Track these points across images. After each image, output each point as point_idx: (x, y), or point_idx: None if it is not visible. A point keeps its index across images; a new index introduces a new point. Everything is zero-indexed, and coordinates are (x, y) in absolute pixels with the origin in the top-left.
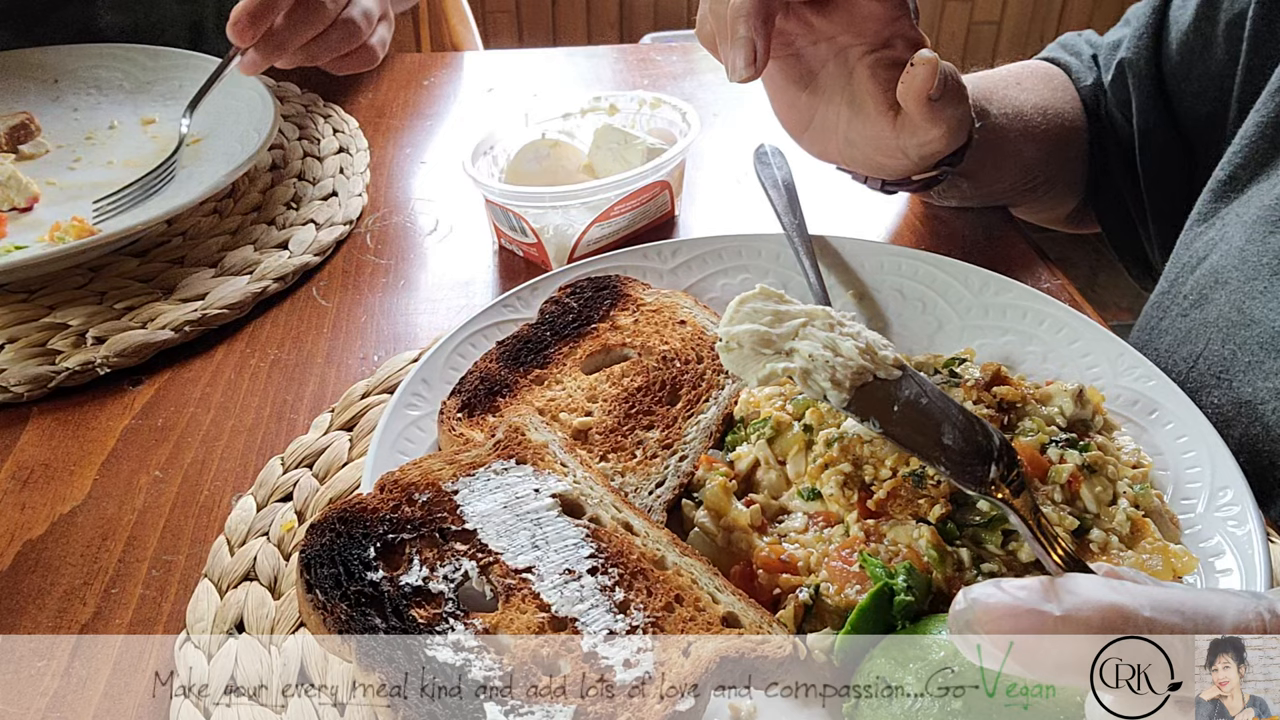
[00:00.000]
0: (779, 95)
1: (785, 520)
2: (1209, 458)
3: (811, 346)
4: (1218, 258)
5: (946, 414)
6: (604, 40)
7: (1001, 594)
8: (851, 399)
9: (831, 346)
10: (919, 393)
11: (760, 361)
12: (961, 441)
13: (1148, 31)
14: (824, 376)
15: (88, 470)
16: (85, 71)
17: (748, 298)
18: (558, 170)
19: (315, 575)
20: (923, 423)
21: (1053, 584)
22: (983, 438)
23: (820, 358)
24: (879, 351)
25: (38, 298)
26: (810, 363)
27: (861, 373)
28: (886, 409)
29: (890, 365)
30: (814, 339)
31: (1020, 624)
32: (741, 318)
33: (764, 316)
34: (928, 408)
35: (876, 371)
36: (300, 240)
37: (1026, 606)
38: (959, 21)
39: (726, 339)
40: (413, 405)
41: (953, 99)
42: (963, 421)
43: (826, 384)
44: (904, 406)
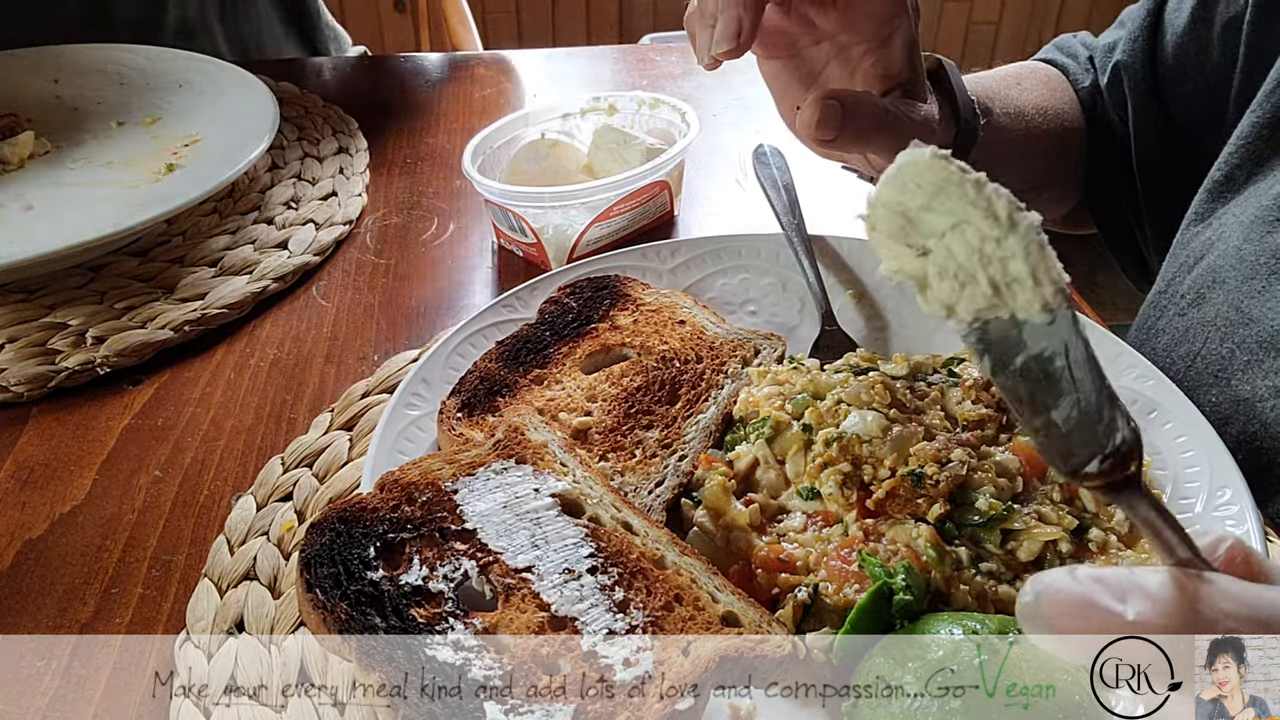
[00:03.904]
0: (783, 96)
1: (784, 520)
2: (1207, 457)
3: (949, 257)
4: (1214, 257)
5: (1077, 388)
6: (603, 41)
7: (1074, 585)
8: (969, 330)
9: (980, 264)
10: (1058, 351)
11: (892, 251)
12: (1075, 424)
13: (1143, 34)
14: (946, 293)
15: (88, 470)
16: (85, 71)
17: (911, 164)
18: (557, 170)
19: (315, 575)
20: (1041, 387)
21: (1130, 579)
22: (1104, 432)
23: (951, 271)
24: (1036, 287)
25: (38, 298)
26: (937, 276)
27: (992, 307)
28: (1007, 354)
29: (1037, 309)
30: (963, 245)
31: (1090, 623)
32: (893, 189)
33: (920, 195)
34: (1056, 372)
35: (1014, 311)
36: (300, 240)
37: (1099, 605)
38: (957, 22)
39: (869, 212)
40: (412, 405)
41: (852, 142)
42: (1092, 405)
43: (942, 306)
44: (1029, 359)
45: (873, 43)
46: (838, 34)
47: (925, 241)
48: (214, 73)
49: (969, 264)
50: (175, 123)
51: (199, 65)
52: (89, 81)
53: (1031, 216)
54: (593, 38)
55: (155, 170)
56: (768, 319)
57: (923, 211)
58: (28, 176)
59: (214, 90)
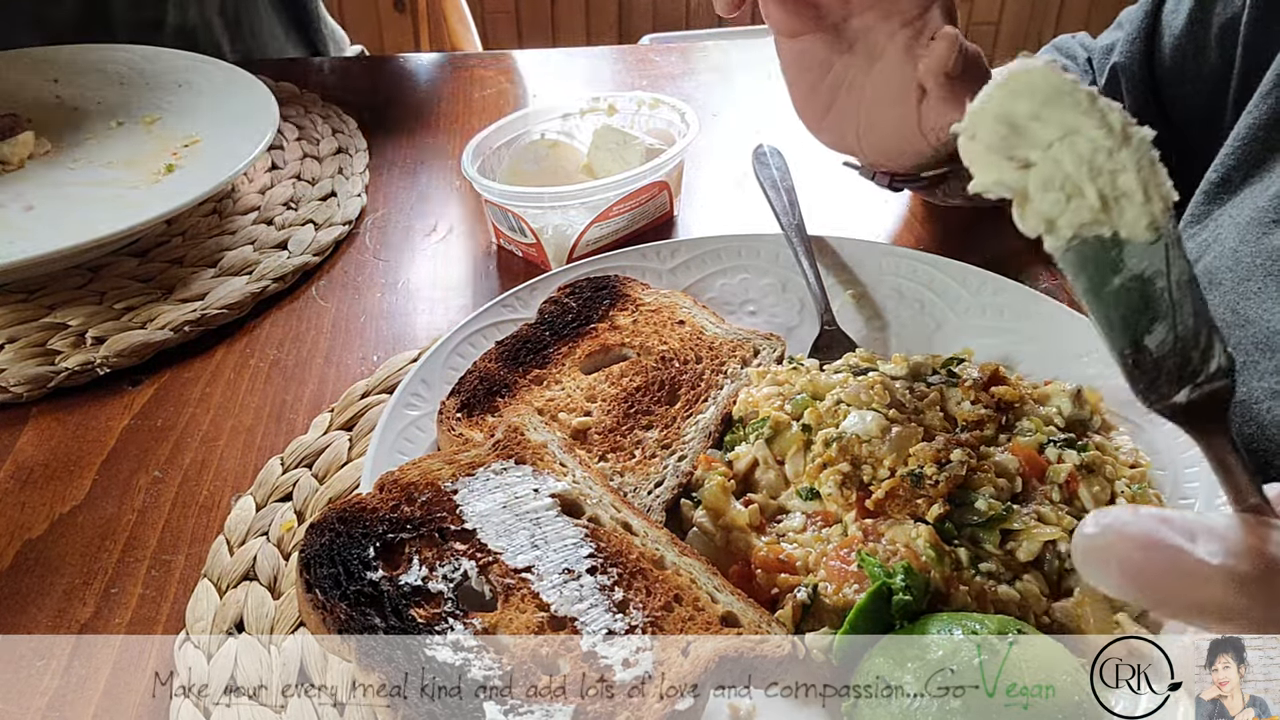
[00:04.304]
0: (798, 82)
1: (783, 520)
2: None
3: (1056, 168)
4: (1211, 259)
5: (1175, 311)
6: (603, 41)
7: (1142, 520)
8: (1066, 248)
9: (1089, 176)
10: (1160, 271)
11: (990, 163)
12: (1169, 350)
13: (1140, 35)
14: (1048, 206)
15: (87, 470)
16: (85, 71)
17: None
18: (557, 171)
19: (315, 575)
20: (1136, 309)
21: (1199, 520)
22: (1200, 358)
23: (1056, 183)
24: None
25: (37, 298)
26: (1040, 189)
27: (1096, 223)
28: (1104, 274)
29: (1144, 226)
30: (1073, 156)
31: (1157, 558)
32: (1003, 96)
33: (1030, 104)
34: (1156, 294)
35: (1118, 227)
36: (299, 240)
37: (1168, 541)
38: (957, 22)
39: (970, 121)
40: (412, 405)
41: (973, 78)
42: (1189, 329)
43: (1041, 221)
44: (1127, 280)
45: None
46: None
47: (1030, 153)
48: (214, 73)
49: (1077, 175)
50: (175, 123)
51: (199, 65)
52: (89, 81)
53: (1145, 131)
54: (592, 38)
55: (155, 170)
56: (767, 319)
57: (1031, 121)
58: (28, 176)
59: (214, 90)
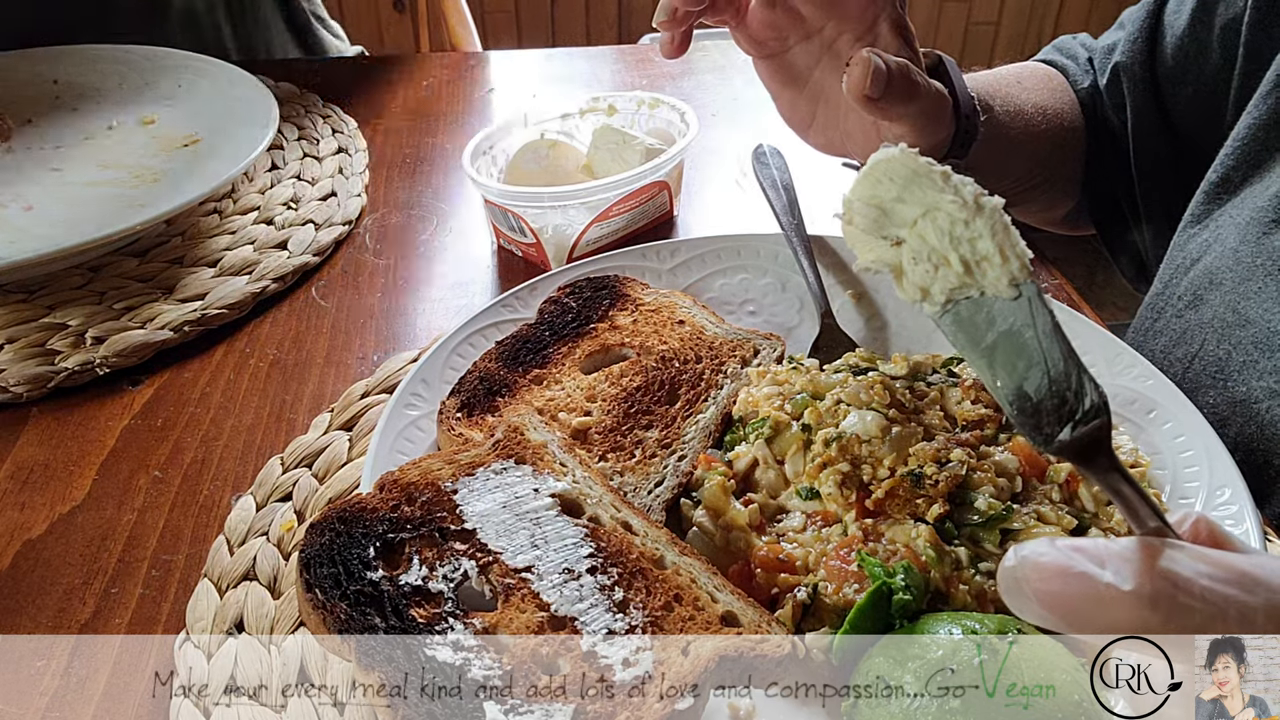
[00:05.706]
0: (780, 95)
1: (783, 519)
2: (1206, 457)
3: (922, 242)
4: (1212, 259)
5: (1046, 357)
6: (603, 40)
7: (1054, 551)
8: (943, 312)
9: (951, 246)
10: (1025, 324)
11: (867, 244)
12: (1046, 393)
13: (1142, 35)
14: (920, 276)
15: (87, 470)
16: (84, 71)
17: (883, 161)
18: (557, 170)
19: (315, 575)
20: (1013, 358)
21: (1107, 546)
22: (1074, 396)
23: (924, 255)
24: (1003, 264)
25: (38, 298)
26: (911, 262)
27: (963, 286)
28: (980, 331)
29: (1005, 284)
30: (934, 230)
31: (1069, 586)
32: (868, 184)
33: (892, 188)
34: (1025, 343)
35: (983, 288)
36: (299, 240)
37: (1077, 569)
38: (957, 22)
39: (845, 208)
40: (412, 405)
41: (898, 97)
42: (1060, 371)
43: (917, 290)
44: (1001, 336)
45: (858, 29)
46: (824, 23)
47: (899, 231)
48: (214, 73)
49: (941, 247)
50: (175, 123)
51: (199, 65)
52: (89, 81)
53: (995, 200)
54: (592, 38)
55: (155, 170)
56: (767, 319)
57: (896, 203)
58: (28, 177)
59: (214, 90)
